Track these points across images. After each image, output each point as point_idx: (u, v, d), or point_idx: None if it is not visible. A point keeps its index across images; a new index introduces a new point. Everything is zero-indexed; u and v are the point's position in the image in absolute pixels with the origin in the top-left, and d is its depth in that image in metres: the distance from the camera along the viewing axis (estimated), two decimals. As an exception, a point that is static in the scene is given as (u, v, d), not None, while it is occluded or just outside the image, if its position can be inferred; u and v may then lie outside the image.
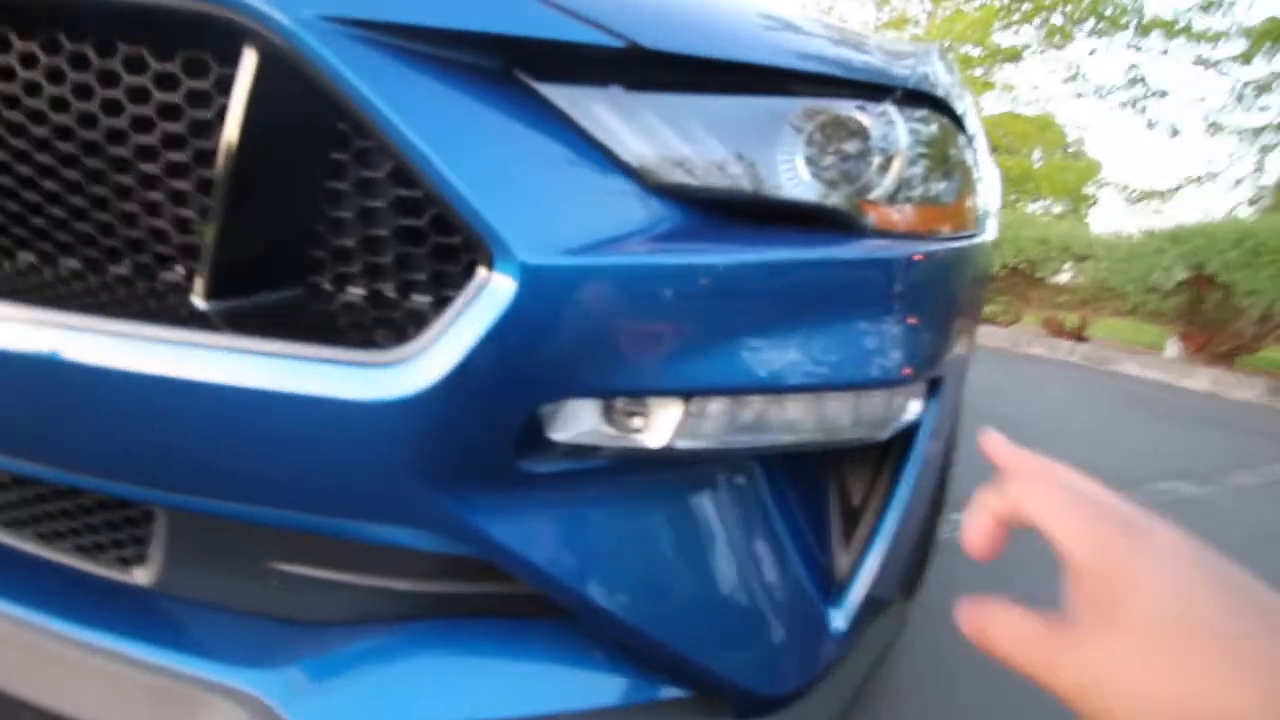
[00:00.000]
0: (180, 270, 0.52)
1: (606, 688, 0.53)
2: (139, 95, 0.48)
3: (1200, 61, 8.73)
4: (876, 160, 0.57)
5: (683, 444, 0.49)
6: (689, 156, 0.51)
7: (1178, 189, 10.13)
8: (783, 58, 0.55)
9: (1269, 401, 4.62)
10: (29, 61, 0.49)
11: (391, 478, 0.43)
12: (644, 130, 0.50)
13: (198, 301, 0.47)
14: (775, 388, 0.51)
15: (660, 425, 0.49)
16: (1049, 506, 0.25)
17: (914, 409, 0.62)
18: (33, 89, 0.49)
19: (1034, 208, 16.07)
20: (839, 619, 0.61)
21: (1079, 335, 6.51)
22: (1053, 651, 0.24)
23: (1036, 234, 6.47)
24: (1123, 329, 7.36)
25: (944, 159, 0.65)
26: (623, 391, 0.46)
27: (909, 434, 0.64)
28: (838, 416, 0.57)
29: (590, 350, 0.43)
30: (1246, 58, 8.37)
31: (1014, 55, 11.94)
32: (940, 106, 0.64)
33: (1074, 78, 11.53)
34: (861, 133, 0.57)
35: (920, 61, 0.65)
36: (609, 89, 0.49)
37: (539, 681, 0.52)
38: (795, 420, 0.55)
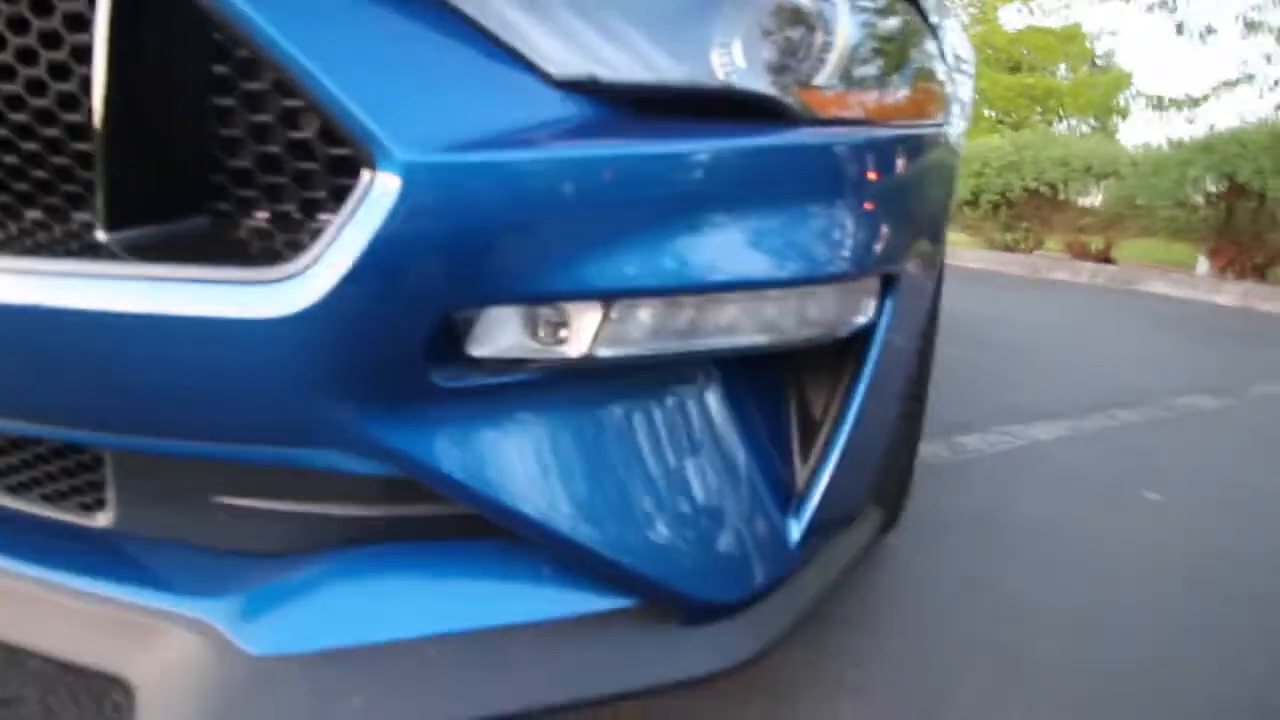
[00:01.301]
0: (89, 208, 0.50)
1: (553, 600, 0.53)
2: (18, 25, 0.46)
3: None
4: (817, 43, 0.53)
5: (606, 352, 0.48)
6: (601, 49, 0.47)
7: (1210, 95, 9.55)
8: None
9: (1303, 312, 4.44)
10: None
11: (300, 395, 0.42)
12: (551, 23, 0.46)
13: (100, 235, 0.46)
14: (704, 287, 0.49)
15: (580, 333, 0.47)
16: None
17: (868, 309, 0.60)
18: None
19: (1061, 127, 15.30)
20: (795, 530, 0.60)
21: (1104, 257, 6.28)
22: None
23: (1057, 154, 6.18)
24: (1152, 249, 7.07)
25: (897, 42, 0.61)
26: (530, 297, 0.44)
27: (865, 339, 0.61)
28: (780, 317, 0.54)
29: (488, 252, 0.42)
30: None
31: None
32: (895, -15, 0.59)
33: (1099, -19, 10.81)
34: (799, 15, 0.52)
35: None
36: None
37: (483, 598, 0.52)
38: (732, 322, 0.52)
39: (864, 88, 0.56)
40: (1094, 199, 6.57)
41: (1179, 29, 8.84)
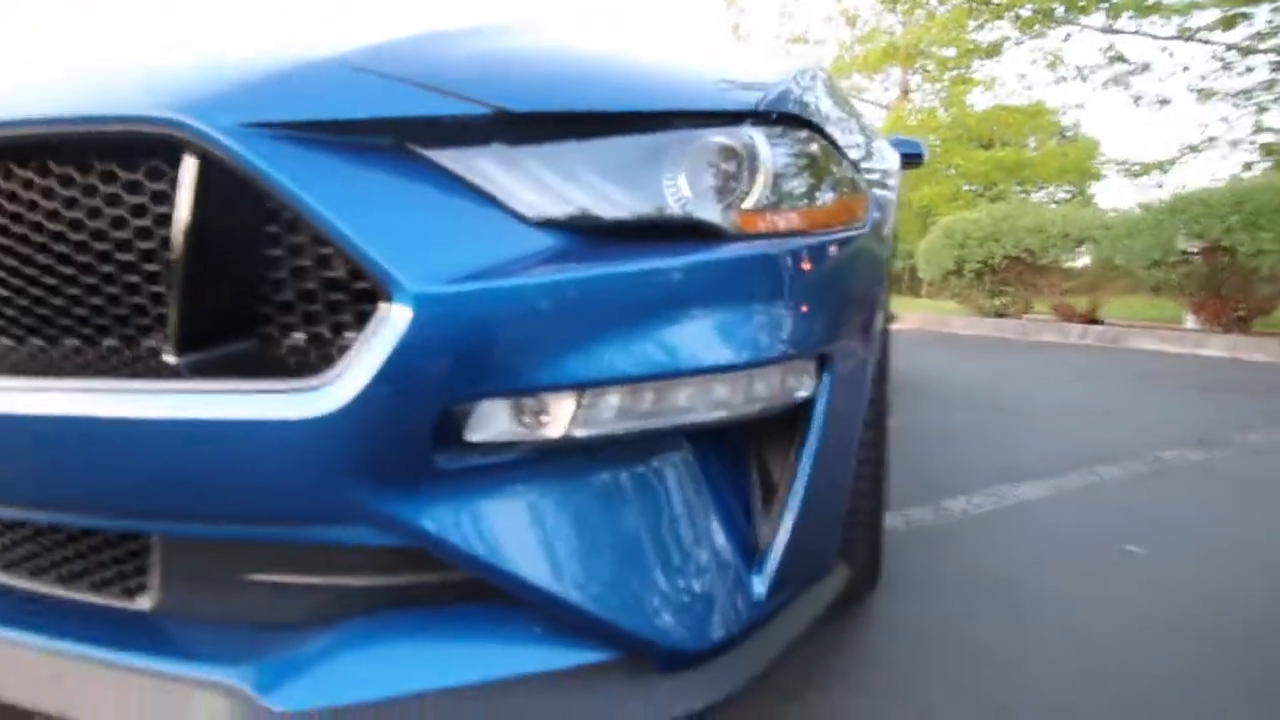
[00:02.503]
0: (157, 336, 0.62)
1: (542, 655, 0.60)
2: (113, 200, 0.59)
3: (1182, 33, 8.80)
4: (744, 175, 0.66)
5: (580, 432, 0.58)
6: (569, 192, 0.60)
7: (1177, 158, 10.06)
8: (643, 101, 0.64)
9: (1290, 361, 4.51)
10: (28, 184, 0.61)
11: (330, 480, 0.52)
12: (526, 176, 0.60)
13: (169, 358, 0.57)
14: (661, 375, 0.59)
15: (557, 417, 0.57)
16: None
17: (807, 384, 0.70)
18: (32, 205, 0.61)
19: (1040, 195, 16.00)
20: (759, 584, 0.68)
21: (1091, 318, 6.44)
22: None
23: (1031, 223, 6.47)
24: (1139, 307, 7.26)
25: (812, 168, 0.74)
26: (518, 391, 0.55)
27: (809, 409, 0.71)
28: (730, 396, 0.64)
29: (481, 359, 0.52)
30: (1226, 24, 8.44)
31: (993, 50, 12.12)
32: (807, 123, 0.73)
33: (1052, 65, 11.69)
34: (729, 152, 0.66)
35: (786, 85, 0.74)
36: (491, 146, 0.59)
37: (478, 656, 0.59)
38: (688, 402, 0.62)
39: (787, 206, 0.69)
40: (1078, 261, 6.81)
41: (1135, 101, 9.44)
